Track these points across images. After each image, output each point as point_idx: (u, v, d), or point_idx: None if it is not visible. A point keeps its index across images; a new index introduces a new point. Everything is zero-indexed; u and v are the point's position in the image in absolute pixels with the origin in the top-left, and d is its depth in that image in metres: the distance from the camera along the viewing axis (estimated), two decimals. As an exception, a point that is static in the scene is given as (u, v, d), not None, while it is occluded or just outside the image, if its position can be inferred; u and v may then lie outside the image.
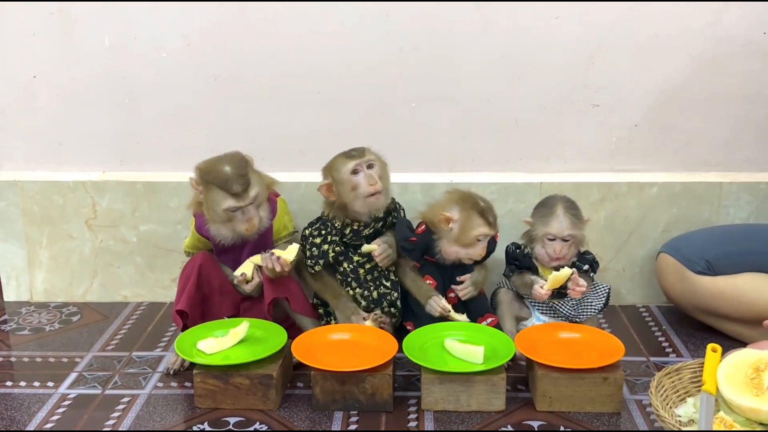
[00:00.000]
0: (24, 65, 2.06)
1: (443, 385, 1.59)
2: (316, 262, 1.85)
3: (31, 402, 1.65)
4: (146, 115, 2.09)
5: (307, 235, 1.87)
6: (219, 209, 1.74)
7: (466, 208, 1.81)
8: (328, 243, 1.85)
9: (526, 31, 2.00)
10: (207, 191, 1.75)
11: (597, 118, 2.07)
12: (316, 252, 1.85)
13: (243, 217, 1.76)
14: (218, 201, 1.73)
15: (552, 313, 1.88)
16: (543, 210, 1.85)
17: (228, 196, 1.73)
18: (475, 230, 1.80)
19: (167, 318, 2.05)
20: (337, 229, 1.85)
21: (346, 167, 1.80)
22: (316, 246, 1.85)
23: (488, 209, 1.82)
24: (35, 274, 2.16)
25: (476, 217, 1.80)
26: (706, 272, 1.88)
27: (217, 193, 1.73)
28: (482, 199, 1.84)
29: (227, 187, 1.72)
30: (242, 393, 1.60)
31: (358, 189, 1.81)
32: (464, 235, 1.81)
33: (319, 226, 1.87)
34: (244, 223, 1.76)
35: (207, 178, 1.74)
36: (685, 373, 1.56)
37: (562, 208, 1.82)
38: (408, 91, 2.06)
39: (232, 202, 1.73)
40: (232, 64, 2.04)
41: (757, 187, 2.08)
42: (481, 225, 1.80)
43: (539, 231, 1.83)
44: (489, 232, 1.81)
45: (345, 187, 1.81)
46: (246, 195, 1.74)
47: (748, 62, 2.02)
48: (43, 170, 2.14)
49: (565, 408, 1.59)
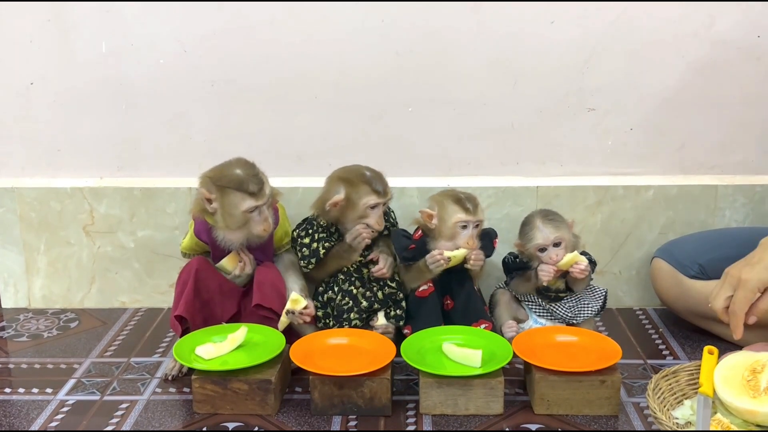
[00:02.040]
0: (21, 72, 2.07)
1: (441, 389, 1.59)
2: (309, 261, 1.86)
3: (29, 408, 1.65)
4: (143, 121, 2.09)
5: (296, 236, 1.89)
6: (238, 212, 1.73)
7: (441, 200, 1.84)
8: (316, 241, 1.86)
9: (521, 35, 2.01)
10: (223, 197, 1.73)
11: (593, 122, 2.08)
12: (307, 252, 1.86)
13: (260, 218, 1.75)
14: (237, 203, 1.72)
15: (549, 315, 1.89)
16: (525, 228, 1.87)
17: (246, 197, 1.72)
18: (453, 217, 1.81)
19: (165, 324, 2.05)
20: (323, 227, 1.87)
21: (367, 199, 1.80)
22: (305, 246, 1.86)
23: (466, 198, 1.83)
24: (33, 281, 2.17)
25: (451, 205, 1.82)
26: (700, 276, 1.89)
27: (234, 196, 1.72)
28: (462, 192, 1.85)
29: (244, 187, 1.72)
30: (241, 398, 1.60)
31: (365, 219, 1.82)
32: (444, 226, 1.82)
33: (305, 226, 1.88)
34: (261, 223, 1.75)
35: (221, 183, 1.73)
36: (682, 375, 1.57)
37: (540, 218, 1.84)
38: (404, 95, 2.06)
39: (251, 202, 1.72)
40: (229, 70, 2.05)
41: (752, 190, 2.09)
42: (457, 211, 1.81)
43: (530, 248, 1.84)
44: (467, 217, 1.81)
45: (354, 212, 1.81)
46: (263, 193, 1.74)
47: (742, 65, 2.04)
48: (41, 176, 2.14)
49: (563, 411, 1.60)
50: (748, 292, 1.48)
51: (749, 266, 1.49)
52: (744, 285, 1.48)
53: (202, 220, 1.81)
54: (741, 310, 1.49)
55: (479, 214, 1.84)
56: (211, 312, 1.82)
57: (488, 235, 1.88)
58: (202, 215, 1.79)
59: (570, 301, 1.88)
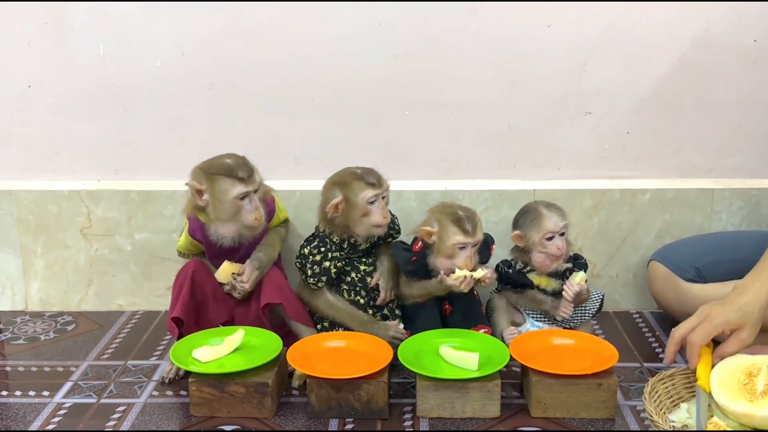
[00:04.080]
0: (19, 75, 2.07)
1: (438, 392, 1.59)
2: (319, 279, 1.84)
3: (26, 411, 1.65)
4: (141, 124, 2.09)
5: (306, 254, 1.84)
6: (227, 198, 1.73)
7: (442, 219, 1.81)
8: (329, 260, 1.83)
9: (518, 38, 2.02)
10: (212, 185, 1.73)
11: (590, 125, 2.09)
12: (318, 269, 1.83)
13: (251, 206, 1.75)
14: (226, 189, 1.72)
15: (546, 319, 1.89)
16: (528, 217, 1.85)
17: (236, 182, 1.72)
18: (451, 239, 1.78)
19: (162, 326, 2.05)
20: (336, 245, 1.85)
21: (364, 194, 1.78)
22: (317, 263, 1.83)
23: (465, 218, 1.79)
24: (30, 284, 2.16)
25: (450, 226, 1.79)
26: (696, 280, 1.90)
27: (224, 182, 1.72)
28: (463, 209, 1.82)
29: (234, 173, 1.72)
30: (238, 401, 1.60)
31: (369, 217, 1.80)
32: (443, 245, 1.80)
33: (318, 244, 1.84)
34: (252, 212, 1.75)
35: (211, 171, 1.74)
36: (679, 378, 1.57)
37: (543, 206, 1.84)
38: (402, 98, 2.07)
39: (241, 188, 1.72)
40: (227, 73, 2.05)
41: (749, 193, 2.10)
42: (456, 233, 1.78)
43: (534, 237, 1.83)
44: (465, 240, 1.78)
45: (356, 211, 1.80)
46: (253, 179, 1.74)
47: (739, 69, 2.04)
48: (38, 179, 2.14)
49: (559, 414, 1.60)
50: (711, 327, 1.49)
51: (721, 305, 1.51)
52: (710, 320, 1.49)
53: (196, 218, 1.81)
54: (699, 339, 1.49)
55: (478, 235, 1.80)
56: (204, 315, 1.82)
57: (485, 242, 1.86)
58: (195, 213, 1.80)
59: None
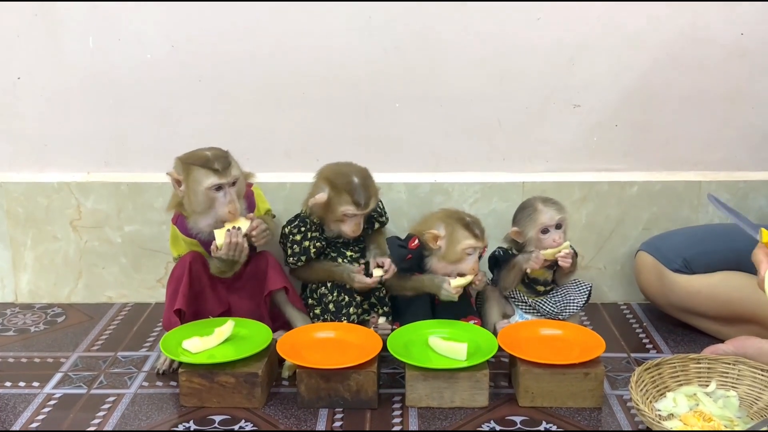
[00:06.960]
0: (8, 67, 2.06)
1: (427, 382, 1.60)
2: (298, 259, 1.86)
3: (16, 402, 1.65)
4: (131, 116, 2.09)
5: (287, 233, 1.87)
6: (201, 189, 1.73)
7: (451, 223, 1.81)
8: (308, 239, 1.85)
9: (507, 32, 2.03)
10: (188, 175, 1.73)
11: (578, 118, 2.10)
12: (297, 249, 1.85)
13: (225, 200, 1.74)
14: (200, 180, 1.72)
15: (535, 311, 1.90)
16: (524, 212, 1.87)
17: (210, 173, 1.72)
18: (462, 243, 1.80)
19: (152, 318, 2.05)
20: (317, 225, 1.87)
21: (346, 208, 1.79)
22: (296, 243, 1.85)
23: (474, 222, 1.82)
24: (20, 276, 2.16)
25: (461, 230, 1.80)
26: (684, 270, 1.91)
27: (198, 172, 1.72)
28: (468, 215, 1.84)
29: (209, 164, 1.72)
30: (228, 391, 1.61)
31: (343, 225, 1.82)
32: (451, 250, 1.81)
33: (298, 223, 1.87)
34: (226, 205, 1.74)
35: (188, 162, 1.74)
36: (665, 368, 1.58)
37: (540, 201, 1.85)
38: (392, 92, 2.07)
39: (214, 179, 1.72)
40: (217, 66, 2.05)
41: (735, 186, 2.11)
42: (468, 237, 1.80)
43: (530, 232, 1.84)
44: (476, 244, 1.80)
45: (333, 215, 1.81)
46: (228, 172, 1.74)
47: (726, 63, 2.05)
48: (28, 171, 2.14)
49: (547, 403, 1.61)
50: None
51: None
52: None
53: (181, 215, 1.81)
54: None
55: (486, 239, 1.83)
56: (201, 305, 1.83)
57: None
58: (178, 208, 1.80)
59: (556, 296, 1.90)
